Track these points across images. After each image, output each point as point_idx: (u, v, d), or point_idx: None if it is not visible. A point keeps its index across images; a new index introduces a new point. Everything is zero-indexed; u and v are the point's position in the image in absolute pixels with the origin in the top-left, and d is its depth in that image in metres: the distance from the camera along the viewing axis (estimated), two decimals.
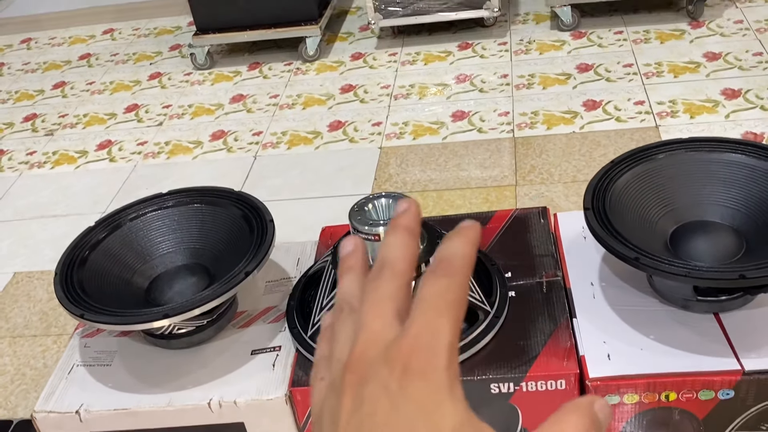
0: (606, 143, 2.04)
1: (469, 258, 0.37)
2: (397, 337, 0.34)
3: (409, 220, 0.39)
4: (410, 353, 0.33)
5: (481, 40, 2.76)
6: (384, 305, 0.36)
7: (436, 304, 0.35)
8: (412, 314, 0.35)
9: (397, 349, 0.34)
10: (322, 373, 0.38)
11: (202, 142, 2.44)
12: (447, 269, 0.36)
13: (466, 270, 0.36)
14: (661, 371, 0.93)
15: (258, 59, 2.93)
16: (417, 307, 0.35)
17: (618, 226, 0.99)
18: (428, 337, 0.34)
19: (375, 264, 0.38)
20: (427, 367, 0.33)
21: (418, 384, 0.33)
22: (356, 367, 0.35)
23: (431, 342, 0.34)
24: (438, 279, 0.36)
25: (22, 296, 1.89)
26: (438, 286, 0.35)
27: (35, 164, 2.49)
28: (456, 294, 0.35)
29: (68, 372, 1.07)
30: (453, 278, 0.36)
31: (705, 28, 2.59)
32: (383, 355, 0.34)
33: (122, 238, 1.15)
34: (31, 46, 3.46)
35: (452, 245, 0.37)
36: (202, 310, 0.97)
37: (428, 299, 0.35)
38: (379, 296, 0.36)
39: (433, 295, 0.35)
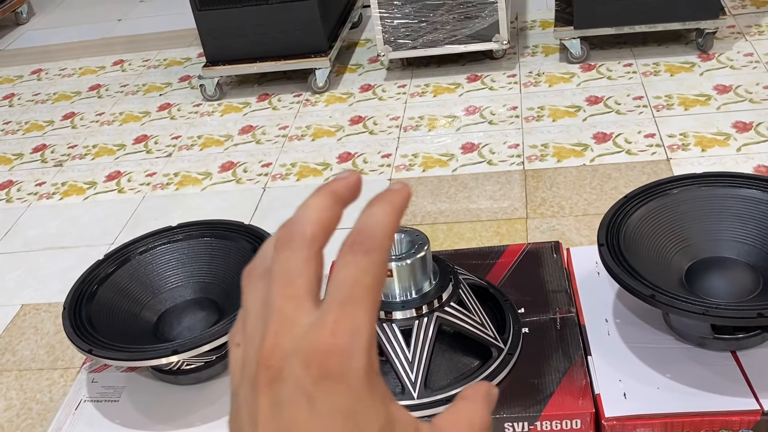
0: (617, 176, 2.03)
1: (391, 229, 0.33)
2: (312, 329, 0.32)
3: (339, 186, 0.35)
4: (328, 354, 0.31)
5: (490, 73, 2.77)
6: (294, 283, 0.33)
7: (353, 292, 0.32)
8: (328, 301, 0.32)
9: (313, 347, 0.31)
10: (237, 338, 0.35)
11: (211, 174, 2.45)
12: (364, 244, 0.33)
13: (387, 243, 0.33)
14: (679, 411, 0.91)
15: (267, 90, 2.94)
16: (333, 293, 0.32)
17: (633, 262, 0.97)
18: (346, 335, 0.31)
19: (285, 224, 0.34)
20: (346, 370, 0.31)
21: (338, 388, 0.31)
22: (270, 361, 0.32)
23: (349, 341, 0.31)
24: (355, 257, 0.32)
25: (29, 329, 1.89)
26: (355, 267, 0.32)
27: (44, 195, 2.50)
28: (374, 276, 0.32)
29: (75, 407, 1.06)
30: (371, 255, 0.32)
31: (715, 60, 2.59)
32: (298, 351, 0.32)
33: (131, 272, 1.14)
34: (41, 77, 3.48)
35: (373, 214, 0.33)
36: (211, 345, 0.96)
37: (345, 285, 0.32)
38: (287, 271, 0.33)
39: (350, 280, 0.32)
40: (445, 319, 0.98)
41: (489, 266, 1.20)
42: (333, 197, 0.34)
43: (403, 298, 0.99)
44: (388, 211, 0.34)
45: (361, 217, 0.33)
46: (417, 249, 0.99)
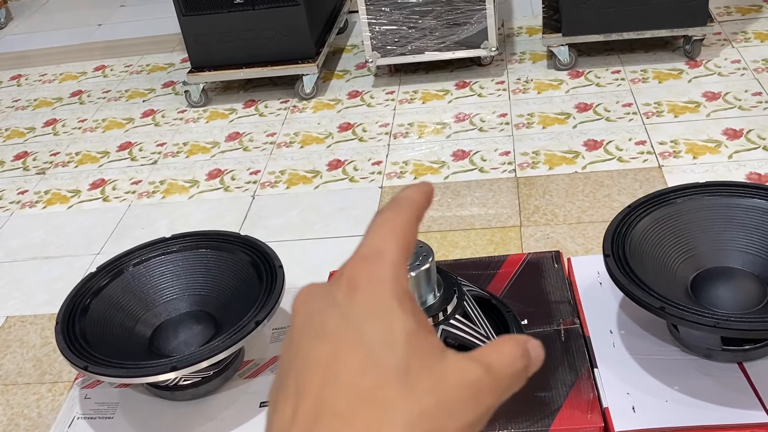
0: (609, 184, 2.03)
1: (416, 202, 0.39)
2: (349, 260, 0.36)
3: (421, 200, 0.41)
4: (355, 269, 0.35)
5: (479, 79, 2.76)
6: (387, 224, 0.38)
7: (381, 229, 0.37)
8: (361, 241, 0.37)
9: (341, 269, 0.36)
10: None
11: (198, 181, 2.41)
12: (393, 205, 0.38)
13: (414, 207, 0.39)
14: (689, 424, 0.90)
15: (253, 97, 2.91)
16: (364, 234, 0.37)
17: (639, 273, 0.96)
18: (373, 255, 0.36)
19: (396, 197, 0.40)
20: (372, 279, 0.35)
21: (364, 292, 0.34)
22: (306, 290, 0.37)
23: (375, 259, 0.35)
24: (385, 212, 0.38)
25: (14, 342, 1.84)
26: (384, 215, 0.38)
27: (27, 204, 2.45)
28: (401, 221, 0.37)
29: (68, 425, 1.03)
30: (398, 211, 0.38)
31: (702, 67, 2.60)
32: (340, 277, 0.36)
33: (124, 284, 1.11)
34: (21, 82, 3.43)
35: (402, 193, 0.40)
36: (212, 361, 0.94)
37: (374, 226, 0.37)
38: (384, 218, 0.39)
39: (379, 222, 0.37)
40: (451, 332, 0.96)
41: (490, 277, 1.18)
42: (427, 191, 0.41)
43: None
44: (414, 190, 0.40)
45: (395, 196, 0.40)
46: (422, 261, 0.97)
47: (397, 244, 0.36)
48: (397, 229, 0.37)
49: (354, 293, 0.34)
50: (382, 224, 0.37)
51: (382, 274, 0.35)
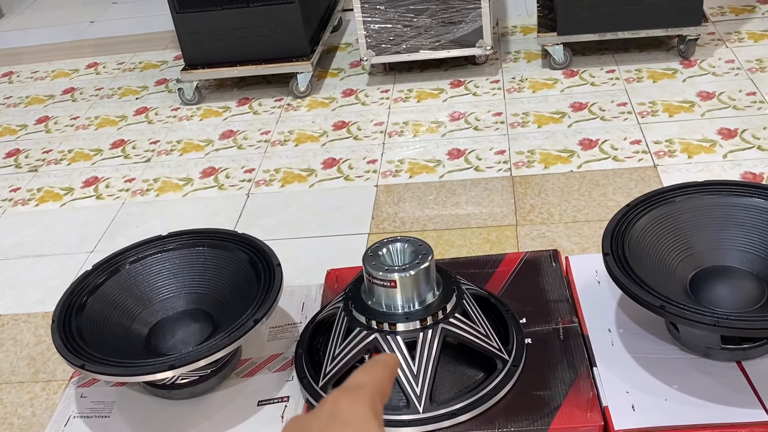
0: (605, 183, 2.03)
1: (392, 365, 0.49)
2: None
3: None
4: (337, 395, 0.44)
5: (473, 78, 2.75)
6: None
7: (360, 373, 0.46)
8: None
9: (322, 402, 0.44)
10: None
11: (192, 179, 2.40)
12: (371, 362, 0.48)
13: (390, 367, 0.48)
14: (688, 423, 0.90)
15: (247, 95, 2.90)
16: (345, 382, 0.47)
17: (638, 271, 0.96)
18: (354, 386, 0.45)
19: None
20: (353, 401, 0.43)
21: (346, 408, 0.42)
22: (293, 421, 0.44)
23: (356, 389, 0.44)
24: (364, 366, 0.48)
25: (7, 340, 1.83)
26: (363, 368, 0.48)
27: (19, 201, 2.43)
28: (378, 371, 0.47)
29: (64, 424, 1.02)
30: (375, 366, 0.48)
31: (697, 67, 2.61)
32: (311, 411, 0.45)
33: (121, 282, 1.11)
34: (12, 79, 3.41)
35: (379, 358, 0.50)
36: (211, 360, 0.93)
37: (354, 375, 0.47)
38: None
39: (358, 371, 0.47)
40: (450, 331, 0.96)
41: (488, 275, 1.18)
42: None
43: (406, 309, 0.96)
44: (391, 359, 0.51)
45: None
46: (421, 259, 0.97)
47: (376, 382, 0.44)
48: (376, 373, 0.46)
49: (337, 410, 0.42)
50: (362, 371, 0.46)
51: (363, 397, 0.42)
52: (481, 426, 0.92)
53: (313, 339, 1.08)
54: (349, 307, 0.98)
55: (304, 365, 1.03)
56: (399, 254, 0.99)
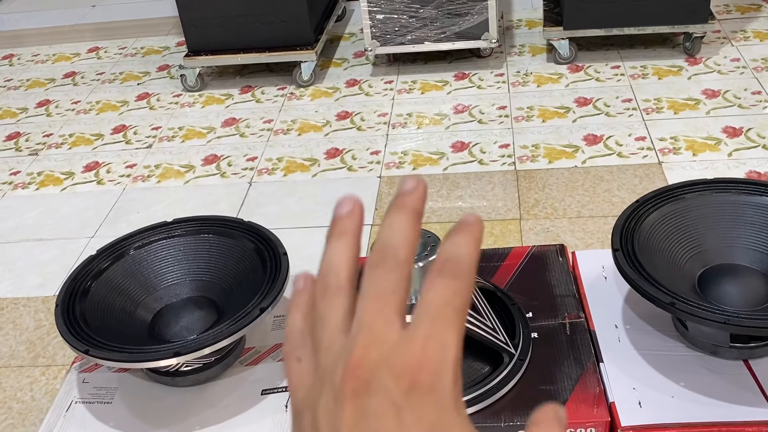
0: (609, 178, 2.02)
1: (476, 259, 0.35)
2: (402, 343, 0.33)
3: (416, 201, 0.36)
4: (418, 367, 0.32)
5: (478, 71, 2.74)
6: (386, 301, 0.34)
7: (444, 312, 0.33)
8: (419, 319, 0.33)
9: (403, 360, 0.32)
10: (299, 351, 0.36)
11: (194, 166, 2.39)
12: (454, 271, 0.34)
13: (473, 272, 0.35)
14: (695, 420, 0.89)
15: (250, 83, 2.89)
16: (424, 312, 0.33)
17: (648, 268, 0.96)
18: (437, 350, 0.33)
19: (376, 247, 0.35)
20: (436, 384, 0.32)
21: (426, 401, 0.32)
22: (358, 372, 0.33)
23: (440, 356, 0.33)
24: (445, 280, 0.34)
25: (7, 324, 1.82)
26: (446, 291, 0.34)
27: (19, 185, 2.42)
28: (463, 301, 0.34)
29: (66, 409, 1.02)
30: (459, 281, 0.34)
31: (702, 65, 2.60)
32: (388, 364, 0.32)
33: (126, 268, 1.10)
34: (13, 62, 3.39)
35: (458, 243, 0.35)
36: (216, 347, 0.92)
37: (436, 305, 0.33)
38: (381, 289, 0.34)
39: (441, 302, 0.33)
40: None
41: (494, 269, 1.17)
42: (415, 215, 0.35)
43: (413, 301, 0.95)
44: (471, 241, 0.35)
45: (445, 245, 0.35)
46: (430, 251, 0.96)
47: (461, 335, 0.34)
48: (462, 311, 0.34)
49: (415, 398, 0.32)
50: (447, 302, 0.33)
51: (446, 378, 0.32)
52: (487, 419, 0.92)
53: None
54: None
55: None
56: None
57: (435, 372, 0.32)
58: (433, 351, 0.32)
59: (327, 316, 0.35)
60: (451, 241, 0.35)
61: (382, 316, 0.33)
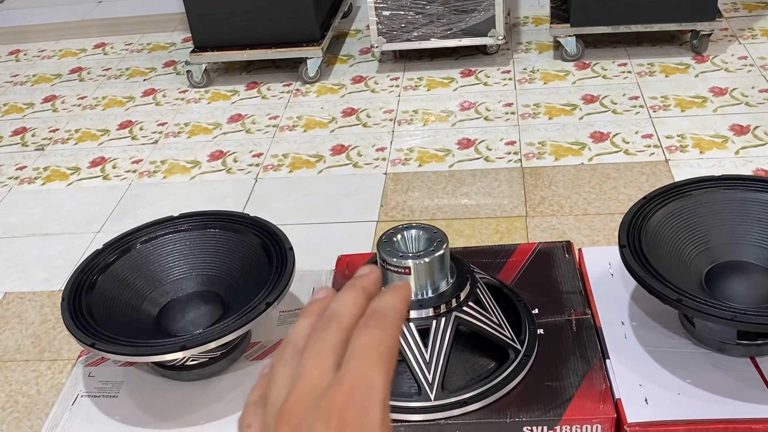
0: (616, 176, 2.02)
1: (401, 312, 0.39)
2: (331, 387, 0.35)
3: (367, 283, 0.41)
4: (345, 407, 0.34)
5: (484, 68, 2.74)
6: (325, 356, 0.37)
7: (368, 357, 0.36)
8: (346, 365, 0.36)
9: (331, 401, 0.35)
10: (249, 419, 0.39)
11: (199, 162, 2.39)
12: (379, 321, 0.38)
13: (398, 323, 0.39)
14: (701, 417, 0.89)
15: (256, 79, 2.89)
16: (351, 358, 0.36)
17: (655, 264, 0.95)
18: (363, 391, 0.35)
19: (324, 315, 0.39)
20: (363, 422, 0.34)
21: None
22: (290, 417, 0.35)
23: (366, 397, 0.35)
24: (370, 330, 0.37)
25: (13, 318, 1.82)
26: (370, 338, 0.37)
27: (25, 180, 2.43)
28: (388, 346, 0.37)
29: (72, 403, 1.02)
30: (385, 330, 0.37)
31: (709, 62, 2.59)
32: (317, 406, 0.35)
33: (132, 262, 1.10)
34: (19, 57, 3.40)
35: (384, 299, 0.39)
36: (223, 341, 0.92)
37: (361, 351, 0.36)
38: (323, 347, 0.37)
39: (366, 347, 0.36)
40: (463, 319, 0.95)
41: (500, 265, 1.17)
42: (363, 293, 0.40)
43: (420, 296, 0.96)
44: (398, 297, 0.40)
45: (374, 302, 0.39)
46: (436, 247, 0.96)
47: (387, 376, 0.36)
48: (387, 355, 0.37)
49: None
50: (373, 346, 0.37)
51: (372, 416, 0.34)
52: (492, 415, 0.92)
53: None
54: None
55: None
56: (414, 241, 0.98)
57: (362, 410, 0.34)
58: (359, 392, 0.35)
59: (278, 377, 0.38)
60: (379, 297, 0.40)
61: (318, 370, 0.36)
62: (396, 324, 0.38)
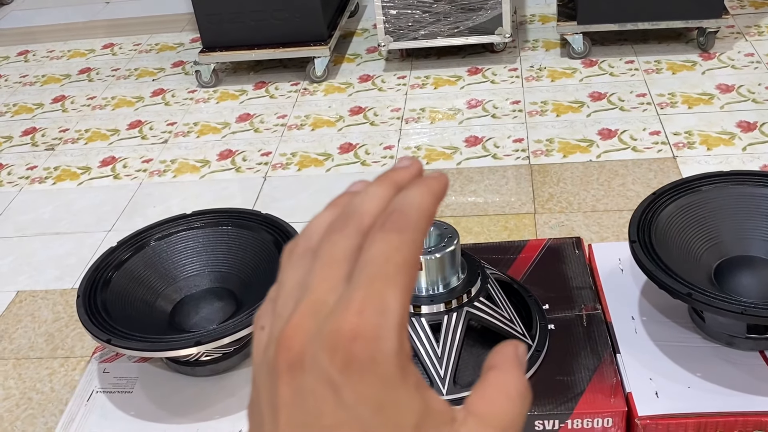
0: (624, 173, 2.02)
1: (428, 212, 0.31)
2: (336, 308, 0.29)
3: (403, 176, 0.33)
4: (353, 337, 0.28)
5: (491, 66, 2.75)
6: (337, 266, 0.31)
7: (383, 270, 0.29)
8: (355, 280, 0.30)
9: (337, 329, 0.29)
10: (263, 320, 0.33)
11: (209, 161, 2.41)
12: (398, 223, 0.30)
13: (422, 225, 0.31)
14: (711, 410, 0.90)
15: (263, 78, 2.90)
16: (362, 271, 0.30)
17: (665, 259, 0.96)
18: (374, 315, 0.29)
19: (342, 210, 0.33)
20: (375, 355, 0.28)
21: (366, 377, 0.28)
22: (290, 342, 0.29)
23: (378, 322, 0.29)
24: (387, 235, 0.30)
25: (26, 316, 1.84)
26: (386, 245, 0.30)
27: (36, 179, 2.44)
28: (407, 254, 0.30)
29: (87, 398, 1.03)
30: (404, 234, 0.30)
31: (716, 60, 2.59)
32: (321, 335, 0.29)
33: (146, 259, 1.11)
34: (28, 58, 3.42)
35: (409, 195, 0.32)
36: (237, 336, 0.93)
37: (375, 262, 0.30)
38: (334, 253, 0.31)
39: (380, 257, 0.30)
40: (474, 314, 0.96)
41: (510, 261, 1.18)
42: (394, 188, 0.32)
43: (431, 292, 0.96)
44: (425, 192, 0.32)
45: (396, 198, 0.31)
46: (447, 243, 0.97)
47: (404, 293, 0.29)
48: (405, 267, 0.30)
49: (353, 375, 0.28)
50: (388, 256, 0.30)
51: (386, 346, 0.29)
52: None
53: None
54: None
55: None
56: None
57: (372, 341, 0.28)
58: (370, 316, 0.29)
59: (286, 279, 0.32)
60: (403, 193, 0.32)
61: (327, 283, 0.30)
62: (419, 227, 0.31)
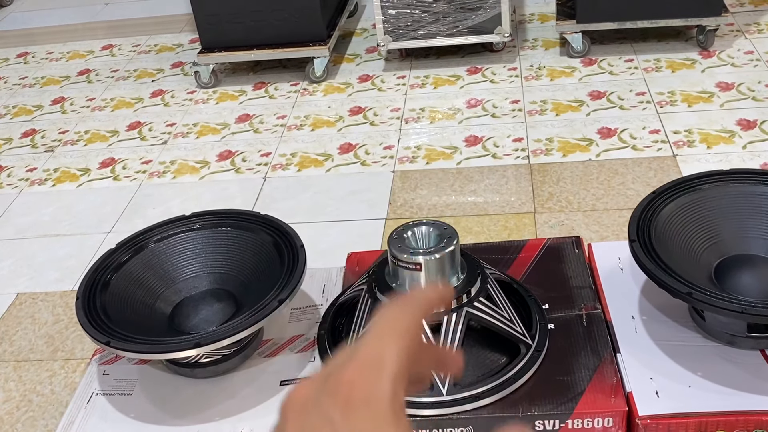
0: (624, 172, 2.02)
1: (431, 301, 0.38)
2: (342, 364, 0.34)
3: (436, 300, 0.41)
4: (353, 381, 0.33)
5: (491, 65, 2.74)
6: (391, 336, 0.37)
7: (385, 332, 0.35)
8: (361, 342, 0.35)
9: (339, 377, 0.34)
10: None
11: (208, 162, 2.41)
12: (404, 302, 0.37)
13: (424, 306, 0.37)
14: (713, 410, 0.90)
15: (263, 79, 2.90)
16: (366, 335, 0.35)
17: (665, 258, 0.96)
18: (372, 367, 0.34)
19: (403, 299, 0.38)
20: (370, 397, 0.33)
21: (362, 415, 0.33)
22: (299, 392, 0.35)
23: (375, 370, 0.34)
24: (393, 308, 0.36)
25: (26, 318, 1.84)
26: (389, 314, 0.36)
27: (36, 181, 2.44)
28: (407, 323, 0.36)
29: (87, 401, 1.03)
30: (406, 309, 0.36)
31: (716, 58, 2.59)
32: (326, 382, 0.34)
33: (145, 261, 1.11)
34: (27, 60, 3.42)
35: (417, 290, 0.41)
36: (236, 338, 0.93)
37: (378, 327, 0.35)
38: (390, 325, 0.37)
39: (385, 324, 0.35)
40: (474, 315, 0.96)
41: (510, 261, 1.18)
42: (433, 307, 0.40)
43: None
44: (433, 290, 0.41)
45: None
46: (446, 243, 0.96)
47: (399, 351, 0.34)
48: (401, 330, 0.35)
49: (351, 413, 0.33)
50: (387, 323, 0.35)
51: (380, 391, 0.33)
52: (504, 410, 0.92)
53: (335, 320, 1.08)
54: (373, 290, 0.98)
55: (327, 346, 1.03)
56: (424, 237, 0.99)
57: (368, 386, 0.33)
58: (368, 366, 0.34)
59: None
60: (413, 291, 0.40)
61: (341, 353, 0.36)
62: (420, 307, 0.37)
